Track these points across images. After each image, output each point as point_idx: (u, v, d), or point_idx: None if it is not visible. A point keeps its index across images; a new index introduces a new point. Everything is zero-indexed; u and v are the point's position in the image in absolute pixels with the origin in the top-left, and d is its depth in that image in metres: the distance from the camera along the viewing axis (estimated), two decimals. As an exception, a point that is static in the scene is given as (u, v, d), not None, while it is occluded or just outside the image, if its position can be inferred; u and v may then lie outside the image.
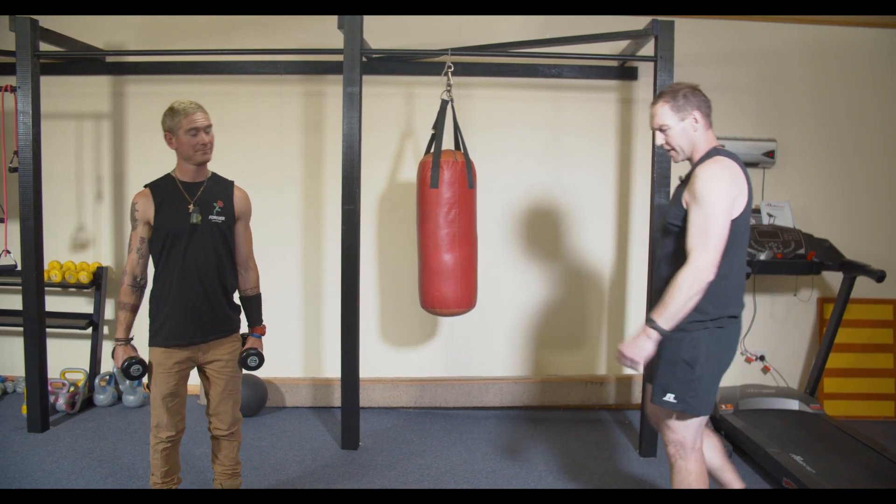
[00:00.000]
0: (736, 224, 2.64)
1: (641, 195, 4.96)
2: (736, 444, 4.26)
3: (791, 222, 4.78)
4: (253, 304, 3.29)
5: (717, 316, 2.72)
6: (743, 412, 4.50)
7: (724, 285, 2.69)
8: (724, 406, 4.54)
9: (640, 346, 2.65)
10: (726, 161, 2.69)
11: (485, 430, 4.66)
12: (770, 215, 4.80)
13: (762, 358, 5.09)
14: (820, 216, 5.06)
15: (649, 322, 2.64)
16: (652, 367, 2.88)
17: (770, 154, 4.92)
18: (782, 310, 5.14)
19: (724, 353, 2.79)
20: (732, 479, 3.11)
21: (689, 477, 2.83)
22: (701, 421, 2.82)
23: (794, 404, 4.57)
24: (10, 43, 4.32)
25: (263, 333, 3.28)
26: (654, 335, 2.63)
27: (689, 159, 2.83)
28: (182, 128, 2.96)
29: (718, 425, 4.49)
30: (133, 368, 3.00)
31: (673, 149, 2.80)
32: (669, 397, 2.75)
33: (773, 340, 5.14)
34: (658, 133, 2.80)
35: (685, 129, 2.75)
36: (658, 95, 2.81)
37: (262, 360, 3.22)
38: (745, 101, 5.03)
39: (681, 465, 2.84)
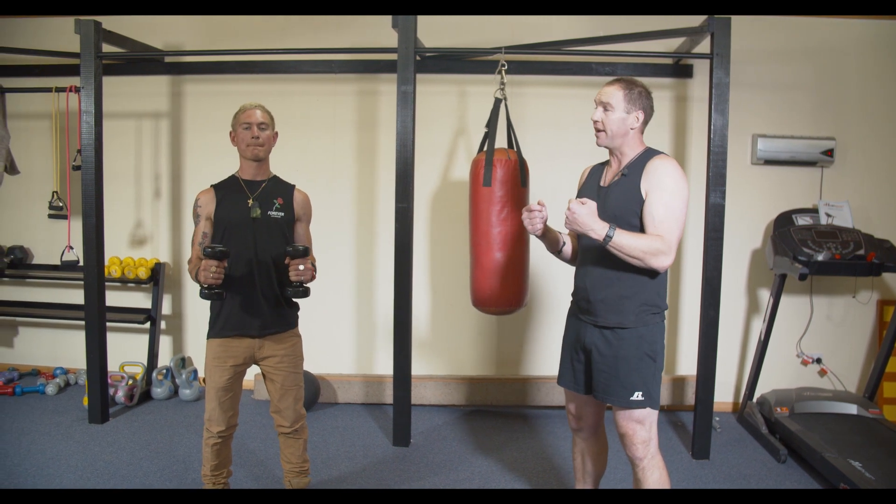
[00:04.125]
0: None
1: (696, 194, 4.89)
2: (791, 447, 4.19)
3: (850, 222, 4.67)
4: None
5: (663, 309, 2.83)
6: (799, 415, 4.42)
7: (665, 279, 2.82)
8: (779, 409, 4.46)
9: (592, 221, 2.61)
10: (676, 162, 2.76)
11: (536, 430, 4.66)
12: (828, 215, 4.70)
13: (819, 360, 4.99)
14: (881, 216, 4.93)
15: (612, 228, 2.60)
16: (578, 373, 2.94)
17: (829, 153, 4.82)
18: (840, 312, 5.03)
19: (663, 344, 2.87)
20: None
21: (664, 473, 2.82)
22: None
23: (851, 408, 4.47)
24: (74, 45, 4.44)
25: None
26: (604, 232, 2.58)
27: (615, 150, 2.84)
28: (239, 122, 3.08)
29: (773, 428, 4.42)
30: (216, 244, 2.92)
31: (605, 130, 2.78)
32: (637, 395, 2.74)
33: (830, 343, 5.03)
34: (599, 108, 2.78)
35: (626, 120, 2.75)
36: (615, 80, 2.80)
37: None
38: (803, 99, 4.93)
39: (653, 464, 2.80)
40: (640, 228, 2.68)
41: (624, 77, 2.81)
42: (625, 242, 2.58)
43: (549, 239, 2.98)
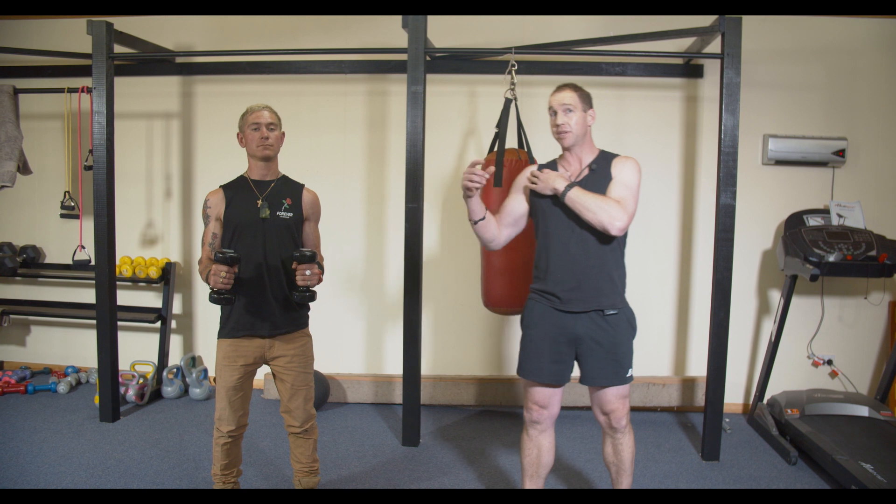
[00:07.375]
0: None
1: (706, 194, 4.89)
2: (802, 449, 4.17)
3: (862, 223, 4.65)
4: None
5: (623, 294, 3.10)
6: (809, 417, 4.40)
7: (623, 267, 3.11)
8: (789, 410, 4.44)
9: (554, 179, 2.95)
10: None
11: (544, 430, 4.64)
12: (840, 216, 4.67)
13: (830, 362, 4.97)
14: (893, 217, 4.89)
15: (572, 184, 2.93)
16: (559, 364, 3.04)
17: (840, 153, 4.79)
18: (851, 313, 5.00)
19: None
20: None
21: (633, 439, 3.15)
22: None
23: (863, 410, 4.44)
24: (85, 45, 4.46)
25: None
26: (563, 187, 2.92)
27: (574, 151, 3.06)
28: (247, 124, 3.09)
29: (784, 430, 4.40)
30: (227, 250, 2.93)
31: (570, 131, 2.98)
32: (630, 372, 3.04)
33: (841, 344, 5.00)
34: (561, 112, 2.99)
35: (585, 119, 3.01)
36: (564, 85, 3.06)
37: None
38: (814, 99, 4.90)
39: (629, 429, 3.11)
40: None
41: (567, 83, 3.06)
42: (581, 196, 2.88)
43: (473, 205, 3.04)
